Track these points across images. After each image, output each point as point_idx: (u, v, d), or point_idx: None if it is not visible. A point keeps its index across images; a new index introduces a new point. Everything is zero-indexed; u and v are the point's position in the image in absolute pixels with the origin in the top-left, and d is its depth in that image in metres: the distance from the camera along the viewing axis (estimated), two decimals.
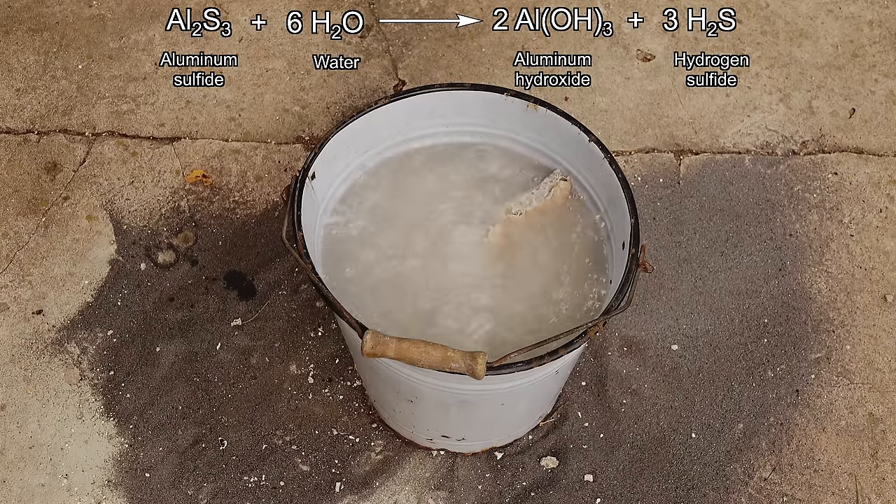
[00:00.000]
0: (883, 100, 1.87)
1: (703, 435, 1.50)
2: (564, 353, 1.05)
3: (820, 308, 1.62)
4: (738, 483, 1.46)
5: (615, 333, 1.59)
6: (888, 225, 1.71)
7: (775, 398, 1.53)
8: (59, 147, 1.79)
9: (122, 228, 1.69)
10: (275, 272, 1.64)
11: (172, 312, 1.60)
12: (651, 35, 1.95)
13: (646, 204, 1.72)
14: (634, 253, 1.11)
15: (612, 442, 1.49)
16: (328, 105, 1.85)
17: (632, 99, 1.86)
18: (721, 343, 1.58)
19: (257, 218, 1.70)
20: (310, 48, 1.93)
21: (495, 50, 1.92)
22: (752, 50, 1.93)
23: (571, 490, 1.45)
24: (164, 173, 1.75)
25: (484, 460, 1.48)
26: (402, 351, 1.00)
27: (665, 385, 1.54)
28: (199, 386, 1.54)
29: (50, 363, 1.55)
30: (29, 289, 1.62)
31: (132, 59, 1.90)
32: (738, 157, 1.78)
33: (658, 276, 1.64)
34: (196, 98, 1.85)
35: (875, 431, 1.50)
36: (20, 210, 1.71)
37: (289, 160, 1.77)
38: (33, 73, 1.88)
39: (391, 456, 1.48)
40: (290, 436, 1.49)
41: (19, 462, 1.47)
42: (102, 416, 1.51)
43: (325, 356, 1.57)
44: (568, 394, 1.53)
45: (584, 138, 1.22)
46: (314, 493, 1.45)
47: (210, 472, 1.46)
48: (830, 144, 1.81)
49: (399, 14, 1.98)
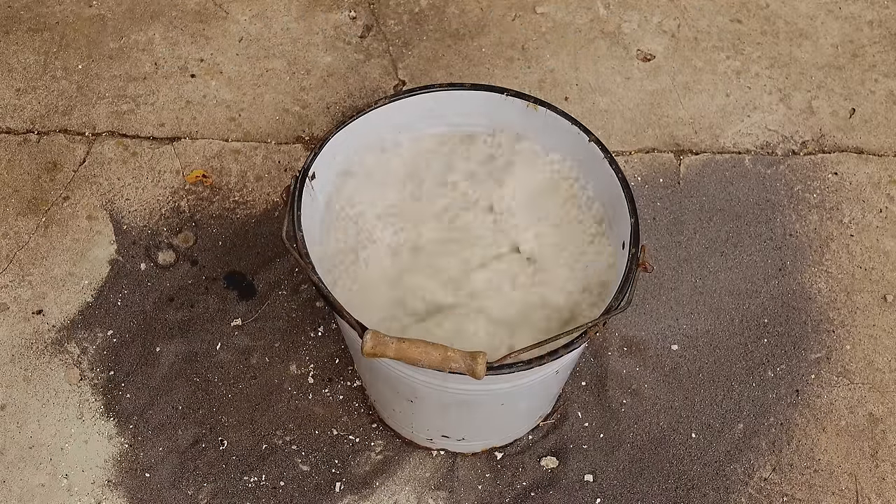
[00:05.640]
0: (883, 100, 1.87)
1: (703, 435, 1.50)
2: (564, 353, 1.05)
3: (820, 308, 1.62)
4: (738, 483, 1.46)
5: (615, 333, 1.59)
6: (888, 225, 1.71)
7: (775, 398, 1.53)
8: (59, 147, 1.79)
9: (122, 228, 1.69)
10: (275, 272, 1.64)
11: (172, 312, 1.60)
12: (651, 35, 1.95)
13: (646, 204, 1.72)
14: (634, 253, 1.11)
15: (612, 442, 1.49)
16: (328, 105, 1.85)
17: (632, 99, 1.86)
18: (721, 343, 1.58)
19: (257, 218, 1.70)
20: (310, 48, 1.93)
21: (495, 50, 1.92)
22: (752, 50, 1.93)
23: (571, 490, 1.45)
24: (164, 173, 1.75)
25: (484, 460, 1.48)
26: (402, 351, 1.00)
27: (665, 385, 1.54)
28: (199, 386, 1.54)
29: (50, 363, 1.55)
30: (29, 289, 1.62)
31: (132, 59, 1.90)
32: (738, 157, 1.78)
33: (658, 276, 1.64)
34: (196, 98, 1.85)
35: (875, 431, 1.50)
36: (20, 210, 1.71)
37: (289, 160, 1.77)
38: (33, 73, 1.88)
39: (391, 456, 1.48)
40: (290, 436, 1.49)
41: (19, 462, 1.47)
42: (102, 416, 1.51)
43: (325, 356, 1.57)
44: (568, 394, 1.53)
45: (584, 138, 1.22)
46: (314, 493, 1.45)
47: (210, 472, 1.46)
48: (830, 144, 1.81)
49: (399, 14, 1.98)
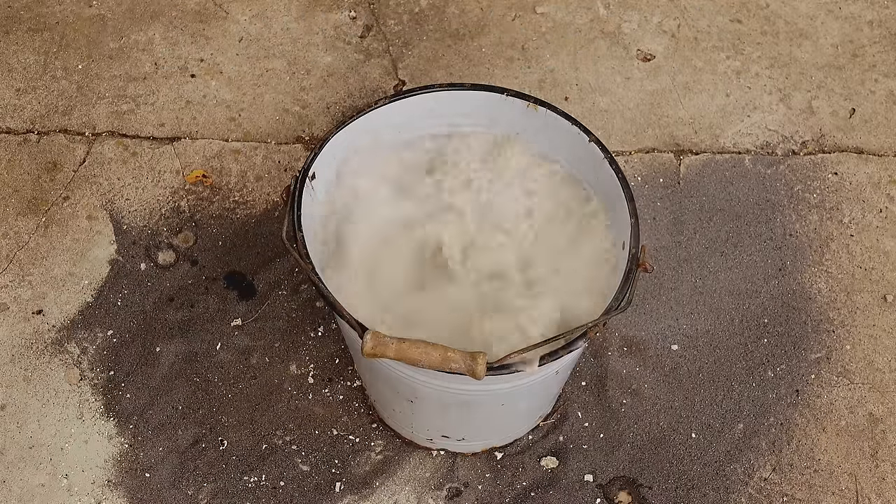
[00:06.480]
0: (883, 100, 1.87)
1: (703, 435, 1.50)
2: (564, 354, 1.05)
3: (820, 308, 1.62)
4: (738, 483, 1.46)
5: (615, 333, 1.59)
6: (888, 225, 1.71)
7: (775, 398, 1.53)
8: (59, 147, 1.79)
9: (122, 228, 1.69)
10: (275, 272, 1.64)
11: (172, 312, 1.60)
12: (651, 35, 1.95)
13: (646, 204, 1.72)
14: (634, 253, 1.11)
15: (612, 442, 1.49)
16: (328, 105, 1.85)
17: (632, 99, 1.85)
18: (721, 343, 1.58)
19: (257, 218, 1.70)
20: (310, 48, 1.92)
21: (495, 50, 1.92)
22: (752, 50, 1.93)
23: (571, 490, 1.45)
24: (164, 173, 1.75)
25: (484, 460, 1.48)
26: (402, 351, 1.00)
27: (665, 385, 1.54)
28: (199, 386, 1.54)
29: (50, 363, 1.55)
30: (29, 289, 1.62)
31: (132, 59, 1.90)
32: (738, 157, 1.78)
33: (658, 276, 1.64)
34: (196, 98, 1.85)
35: (875, 431, 1.50)
36: (20, 210, 1.71)
37: (289, 160, 1.77)
38: (33, 73, 1.88)
39: (391, 456, 1.48)
40: (290, 436, 1.49)
41: (19, 462, 1.47)
42: (102, 416, 1.51)
43: (325, 356, 1.56)
44: (568, 394, 1.53)
45: (584, 138, 1.22)
46: (314, 493, 1.45)
47: (210, 472, 1.46)
48: (830, 144, 1.81)
49: (399, 14, 1.98)
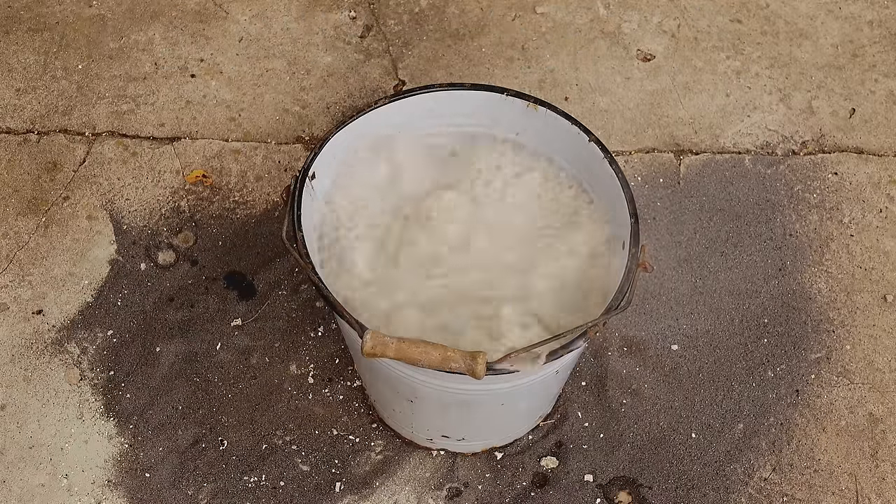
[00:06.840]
0: (883, 100, 1.87)
1: (703, 435, 1.50)
2: (564, 353, 1.05)
3: (820, 308, 1.62)
4: (738, 483, 1.46)
5: (615, 333, 1.59)
6: (888, 225, 1.71)
7: (775, 398, 1.53)
8: (59, 147, 1.79)
9: (122, 228, 1.69)
10: (275, 272, 1.64)
11: (172, 312, 1.60)
12: (651, 35, 1.95)
13: (646, 204, 1.72)
14: (634, 253, 1.11)
15: (612, 442, 1.49)
16: (328, 105, 1.85)
17: (632, 99, 1.85)
18: (721, 343, 1.58)
19: (257, 218, 1.70)
20: (310, 48, 1.92)
21: (495, 50, 1.92)
22: (752, 50, 1.93)
23: (571, 490, 1.45)
24: (164, 173, 1.75)
25: (484, 460, 1.48)
26: (402, 351, 1.00)
27: (665, 385, 1.54)
28: (199, 386, 1.54)
29: (50, 363, 1.55)
30: (29, 289, 1.62)
31: (132, 59, 1.90)
32: (738, 157, 1.78)
33: (658, 276, 1.64)
34: (196, 98, 1.85)
35: (875, 431, 1.50)
36: (20, 210, 1.71)
37: (289, 160, 1.77)
38: (33, 73, 1.88)
39: (391, 456, 1.48)
40: (290, 436, 1.49)
41: (19, 462, 1.47)
42: (102, 416, 1.51)
43: (325, 356, 1.56)
44: (568, 394, 1.53)
45: (584, 138, 1.22)
46: (314, 493, 1.45)
47: (210, 472, 1.46)
48: (830, 144, 1.81)
49: (399, 14, 1.98)
